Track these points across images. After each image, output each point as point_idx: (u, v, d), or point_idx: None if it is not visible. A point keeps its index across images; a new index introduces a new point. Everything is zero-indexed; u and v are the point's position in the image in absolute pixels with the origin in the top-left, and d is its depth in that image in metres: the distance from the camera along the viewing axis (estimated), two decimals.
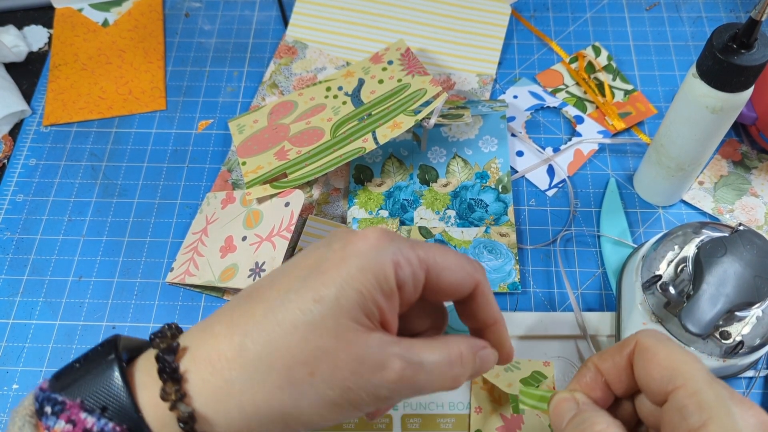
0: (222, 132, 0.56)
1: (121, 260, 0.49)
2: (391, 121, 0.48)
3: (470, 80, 0.57)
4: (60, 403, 0.24)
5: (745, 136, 0.53)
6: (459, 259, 0.29)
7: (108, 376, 0.25)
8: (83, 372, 0.26)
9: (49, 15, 0.63)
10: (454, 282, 0.29)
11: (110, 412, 0.24)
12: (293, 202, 0.46)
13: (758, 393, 0.43)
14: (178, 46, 0.61)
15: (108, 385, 0.25)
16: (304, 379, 0.25)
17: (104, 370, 0.25)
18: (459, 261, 0.29)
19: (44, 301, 0.48)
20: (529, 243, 0.49)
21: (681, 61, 0.58)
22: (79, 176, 0.54)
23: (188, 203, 0.52)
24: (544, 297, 0.47)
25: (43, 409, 0.24)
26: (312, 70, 0.58)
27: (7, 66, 0.60)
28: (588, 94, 0.56)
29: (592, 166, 0.53)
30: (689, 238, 0.40)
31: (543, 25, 0.61)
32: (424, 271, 0.28)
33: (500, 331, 0.31)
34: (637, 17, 0.61)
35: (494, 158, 0.52)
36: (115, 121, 0.57)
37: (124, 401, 0.25)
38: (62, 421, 0.24)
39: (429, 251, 0.28)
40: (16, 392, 0.44)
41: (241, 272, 0.45)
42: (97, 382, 0.25)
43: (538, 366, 0.43)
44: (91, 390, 0.25)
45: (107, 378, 0.25)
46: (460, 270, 0.29)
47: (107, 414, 0.24)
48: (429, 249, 0.28)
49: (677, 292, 0.38)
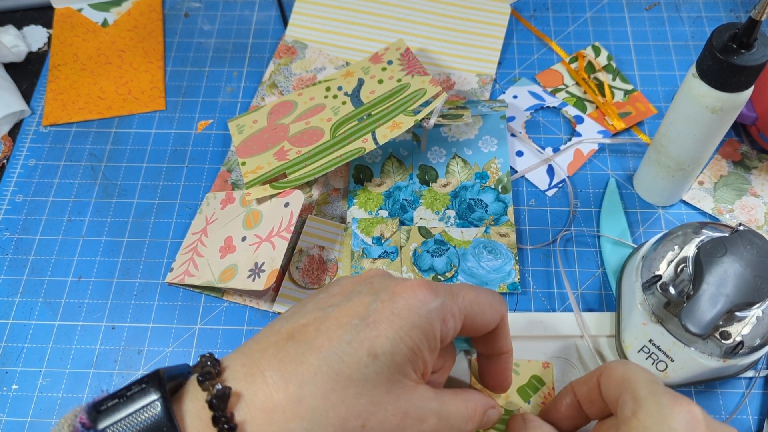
0: (221, 132, 0.56)
1: (120, 260, 0.49)
2: (391, 121, 0.48)
3: (470, 80, 0.57)
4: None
5: (745, 136, 0.53)
6: (489, 298, 0.31)
7: (158, 421, 0.24)
8: (127, 410, 0.24)
9: (49, 15, 0.63)
10: (487, 322, 0.31)
11: None
12: (293, 202, 0.46)
13: (758, 393, 0.43)
14: (178, 46, 0.61)
15: (158, 430, 0.24)
16: (356, 430, 0.26)
17: (151, 411, 0.24)
18: (489, 300, 0.31)
19: (44, 302, 0.48)
20: (529, 243, 0.49)
21: (681, 61, 0.58)
22: (79, 176, 0.54)
23: (188, 203, 0.52)
24: (543, 297, 0.47)
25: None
26: (311, 70, 0.58)
27: (7, 66, 0.60)
28: (588, 94, 0.56)
29: (592, 166, 0.53)
30: (689, 238, 0.40)
31: (543, 25, 0.61)
32: (462, 320, 0.30)
33: (508, 361, 0.35)
34: (636, 17, 0.61)
35: (494, 158, 0.52)
36: (114, 121, 0.57)
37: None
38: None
39: (467, 298, 0.30)
40: (16, 392, 0.44)
41: (240, 272, 0.45)
42: (146, 426, 0.24)
43: (538, 367, 0.43)
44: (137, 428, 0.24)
45: (156, 422, 0.24)
46: (491, 310, 0.31)
47: None
48: (467, 295, 0.30)
49: (677, 292, 0.38)
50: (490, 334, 0.33)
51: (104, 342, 0.46)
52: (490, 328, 0.32)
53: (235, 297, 0.47)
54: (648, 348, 0.40)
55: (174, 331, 0.47)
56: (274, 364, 0.26)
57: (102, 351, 0.46)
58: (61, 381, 0.45)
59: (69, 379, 0.45)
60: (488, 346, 0.34)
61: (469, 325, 0.30)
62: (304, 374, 0.25)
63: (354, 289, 0.29)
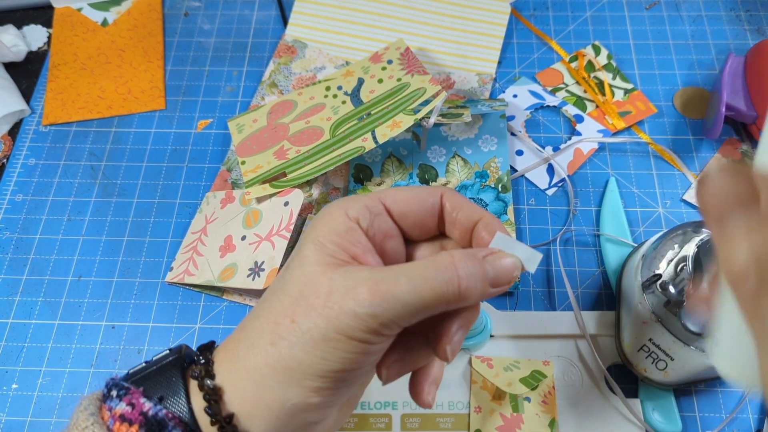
0: (221, 131, 0.56)
1: (120, 260, 0.49)
2: (391, 120, 0.48)
3: (470, 79, 0.57)
4: (125, 388, 0.27)
5: (745, 134, 0.53)
6: (415, 187, 0.31)
7: (170, 374, 0.28)
8: (150, 370, 0.29)
9: (49, 14, 0.63)
10: (415, 197, 0.30)
11: (166, 401, 0.27)
12: (292, 201, 0.46)
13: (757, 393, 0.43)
14: (178, 46, 0.61)
15: (167, 381, 0.28)
16: (288, 327, 0.26)
17: (168, 368, 0.28)
18: (416, 187, 0.31)
19: (43, 301, 0.48)
20: (529, 242, 0.49)
21: (681, 60, 0.58)
22: (79, 176, 0.54)
23: (187, 203, 0.52)
24: (543, 296, 0.47)
25: (110, 393, 0.27)
26: (311, 69, 0.58)
27: (7, 65, 0.60)
28: (588, 93, 0.56)
29: (592, 165, 0.53)
30: (689, 237, 0.40)
31: (543, 24, 0.61)
32: (377, 201, 0.29)
33: (491, 222, 0.30)
34: (636, 16, 0.61)
35: (494, 157, 0.52)
36: (114, 120, 0.57)
37: (179, 395, 0.27)
38: (123, 403, 0.26)
39: (385, 191, 0.30)
40: (16, 392, 0.44)
41: (240, 272, 0.45)
42: (159, 378, 0.28)
43: (538, 365, 0.43)
44: (152, 382, 0.28)
45: (167, 375, 0.28)
46: (418, 189, 0.30)
47: (163, 403, 0.27)
48: (386, 190, 0.31)
49: (677, 291, 0.38)
50: (446, 216, 0.31)
51: (104, 341, 0.46)
52: (430, 204, 0.30)
53: (235, 296, 0.47)
54: (648, 347, 0.40)
55: (174, 331, 0.47)
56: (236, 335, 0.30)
57: (102, 350, 0.46)
58: (61, 380, 0.45)
59: (69, 379, 0.45)
60: (459, 225, 0.30)
61: (402, 208, 0.30)
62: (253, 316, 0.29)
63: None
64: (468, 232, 0.30)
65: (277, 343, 0.26)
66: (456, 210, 0.30)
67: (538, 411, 0.42)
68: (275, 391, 0.27)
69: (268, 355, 0.27)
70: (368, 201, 0.29)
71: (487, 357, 0.43)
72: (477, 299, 0.27)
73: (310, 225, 0.29)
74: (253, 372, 0.27)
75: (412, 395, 0.31)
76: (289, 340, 0.26)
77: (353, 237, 0.28)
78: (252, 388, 0.27)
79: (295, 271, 0.27)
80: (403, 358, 0.30)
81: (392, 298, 0.25)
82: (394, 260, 0.31)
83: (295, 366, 0.26)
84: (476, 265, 0.27)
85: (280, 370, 0.26)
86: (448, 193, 0.31)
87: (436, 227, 0.31)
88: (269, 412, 0.27)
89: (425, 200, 0.30)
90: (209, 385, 0.27)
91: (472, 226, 0.30)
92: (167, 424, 0.26)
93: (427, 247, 0.32)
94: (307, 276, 0.27)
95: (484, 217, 0.30)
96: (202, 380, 0.27)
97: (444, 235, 0.32)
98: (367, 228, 0.29)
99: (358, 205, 0.29)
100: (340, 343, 0.26)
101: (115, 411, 0.26)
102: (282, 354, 0.26)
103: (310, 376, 0.26)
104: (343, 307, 0.25)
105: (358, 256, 0.28)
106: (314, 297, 0.26)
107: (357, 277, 0.26)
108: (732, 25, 0.60)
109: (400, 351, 0.30)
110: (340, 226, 0.28)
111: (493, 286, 0.28)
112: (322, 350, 0.26)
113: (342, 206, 0.29)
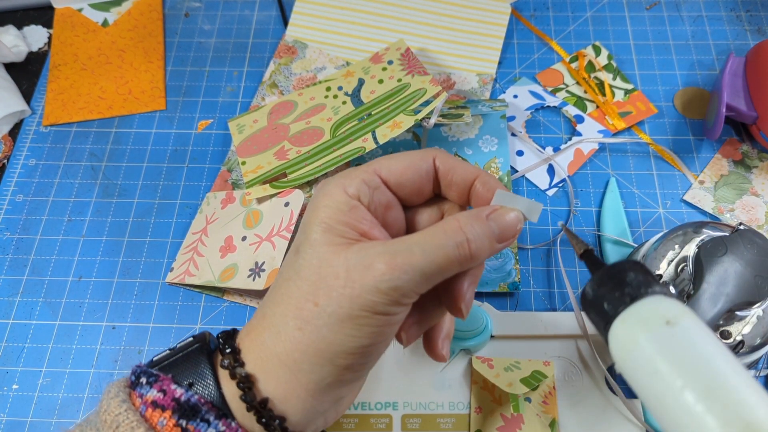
0: (222, 132, 0.56)
1: (120, 260, 0.49)
2: (391, 120, 0.48)
3: (470, 80, 0.57)
4: (154, 375, 0.27)
5: (745, 135, 0.53)
6: (407, 153, 0.31)
7: (197, 361, 0.28)
8: (175, 357, 0.29)
9: (49, 15, 0.63)
10: (410, 166, 0.30)
11: (196, 387, 0.27)
12: (293, 201, 0.46)
13: None
14: (178, 46, 0.61)
15: (196, 367, 0.28)
16: (312, 311, 0.27)
17: (194, 355, 0.29)
18: (407, 153, 0.31)
19: (44, 301, 0.48)
20: (529, 243, 0.49)
21: (681, 61, 0.58)
22: (79, 176, 0.54)
23: (188, 203, 0.52)
24: (544, 297, 0.47)
25: (139, 380, 0.27)
26: (312, 69, 0.58)
27: (7, 66, 0.60)
28: (588, 93, 0.56)
29: (593, 165, 0.53)
30: (690, 238, 0.40)
31: (543, 25, 0.61)
32: (373, 174, 0.30)
33: (488, 179, 0.30)
34: (637, 16, 0.61)
35: (494, 158, 0.52)
36: (114, 121, 0.57)
37: (208, 381, 0.28)
38: (154, 390, 0.27)
39: (380, 161, 0.31)
40: (16, 392, 0.44)
41: (240, 272, 0.45)
42: (188, 365, 0.28)
43: (539, 366, 0.43)
44: (180, 369, 0.28)
45: (196, 362, 0.28)
46: (411, 156, 0.31)
47: (194, 389, 0.27)
48: (380, 160, 0.31)
49: (677, 292, 0.38)
50: (441, 178, 0.31)
51: (105, 342, 0.46)
52: (424, 169, 0.30)
53: (236, 297, 0.47)
54: None
55: (174, 331, 0.47)
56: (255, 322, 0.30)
57: (102, 351, 0.46)
58: (62, 381, 0.45)
59: (69, 379, 0.45)
60: (455, 186, 0.31)
61: (398, 175, 0.30)
62: (265, 303, 0.30)
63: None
64: (465, 192, 0.31)
65: (303, 328, 0.27)
66: (450, 171, 0.31)
67: (539, 411, 0.42)
68: (309, 374, 0.27)
69: (297, 341, 0.27)
70: (365, 175, 0.30)
71: (487, 357, 0.43)
72: (487, 256, 0.28)
73: (311, 207, 0.29)
74: (285, 358, 0.27)
75: (428, 351, 0.32)
76: (315, 324, 0.27)
77: (358, 214, 0.28)
78: (286, 374, 0.27)
79: (306, 255, 0.28)
80: (419, 321, 0.31)
81: (410, 268, 0.26)
82: (396, 229, 0.32)
83: (325, 347, 0.27)
84: (482, 225, 0.28)
85: (312, 353, 0.27)
86: (439, 155, 0.31)
87: (431, 191, 0.32)
88: (306, 393, 0.28)
89: (419, 167, 0.31)
90: (242, 373, 0.27)
91: (468, 185, 0.30)
92: (200, 408, 0.26)
93: (426, 211, 0.32)
94: (320, 259, 0.27)
95: (480, 175, 0.30)
96: (233, 369, 0.27)
97: (440, 196, 0.32)
98: (368, 203, 0.29)
99: (356, 182, 0.29)
100: (366, 319, 0.26)
101: (147, 397, 0.26)
102: (311, 338, 0.27)
103: (341, 355, 0.27)
104: (364, 284, 0.26)
105: (366, 232, 0.28)
106: (333, 278, 0.27)
107: (372, 253, 0.27)
108: (732, 26, 0.60)
109: (415, 315, 0.31)
110: (343, 205, 0.28)
111: (500, 242, 0.29)
112: (350, 328, 0.26)
113: (339, 184, 0.29)
